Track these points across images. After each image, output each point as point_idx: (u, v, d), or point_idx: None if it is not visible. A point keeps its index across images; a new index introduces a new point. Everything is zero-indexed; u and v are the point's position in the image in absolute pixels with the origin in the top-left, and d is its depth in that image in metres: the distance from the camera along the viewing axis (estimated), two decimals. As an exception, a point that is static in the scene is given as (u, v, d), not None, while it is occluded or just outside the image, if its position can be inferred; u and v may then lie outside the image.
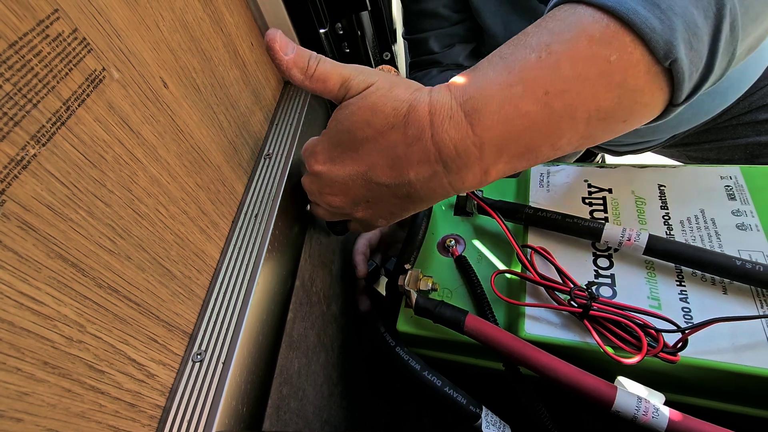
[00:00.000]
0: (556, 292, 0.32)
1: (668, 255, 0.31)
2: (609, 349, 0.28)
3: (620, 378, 0.29)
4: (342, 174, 0.31)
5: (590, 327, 0.29)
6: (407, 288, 0.34)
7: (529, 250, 0.34)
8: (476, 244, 0.40)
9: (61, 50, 0.20)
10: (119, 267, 0.22)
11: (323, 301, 0.42)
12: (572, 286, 0.30)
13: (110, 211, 0.22)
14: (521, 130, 0.26)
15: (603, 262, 0.33)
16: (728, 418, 0.30)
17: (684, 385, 0.30)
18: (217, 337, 0.28)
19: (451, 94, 0.27)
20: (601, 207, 0.36)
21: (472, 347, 0.35)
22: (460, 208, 0.43)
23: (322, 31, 0.44)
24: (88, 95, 0.22)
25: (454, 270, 0.39)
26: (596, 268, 0.33)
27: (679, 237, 0.33)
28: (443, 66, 0.62)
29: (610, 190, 0.37)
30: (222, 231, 0.33)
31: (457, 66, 0.63)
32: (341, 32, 0.50)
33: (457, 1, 0.58)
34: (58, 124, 0.20)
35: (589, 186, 0.38)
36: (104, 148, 0.22)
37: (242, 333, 0.28)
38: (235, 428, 0.26)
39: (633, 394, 0.27)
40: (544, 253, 0.33)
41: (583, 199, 0.37)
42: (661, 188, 0.36)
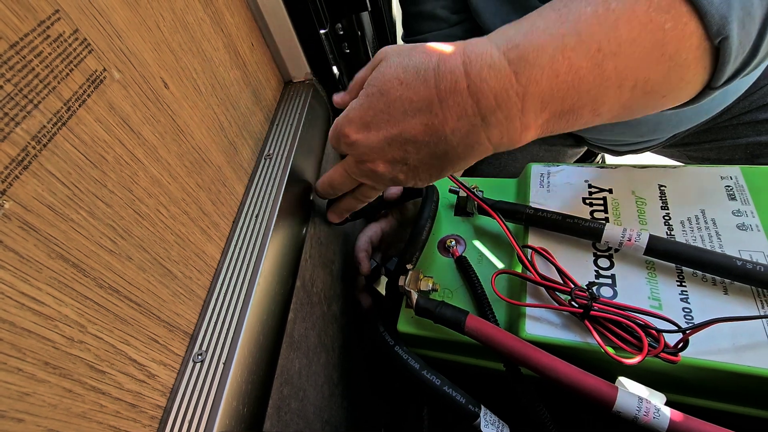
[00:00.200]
0: (557, 293, 0.32)
1: (669, 255, 0.31)
2: (610, 350, 0.28)
3: (621, 378, 0.29)
4: (378, 139, 0.30)
5: (591, 327, 0.29)
6: (408, 288, 0.34)
7: (529, 250, 0.34)
8: (477, 244, 0.40)
9: (61, 51, 0.20)
10: (120, 267, 0.23)
11: (324, 301, 0.42)
12: (573, 286, 0.30)
13: (111, 212, 0.22)
14: (569, 86, 0.25)
15: (603, 262, 0.33)
16: (729, 418, 0.30)
17: (685, 385, 0.30)
18: (217, 337, 0.28)
19: (491, 42, 0.26)
20: (602, 207, 0.36)
21: (473, 347, 0.35)
22: (460, 209, 0.43)
23: (322, 31, 0.44)
24: (88, 96, 0.22)
25: (454, 270, 0.39)
26: (597, 269, 0.33)
27: (680, 237, 0.33)
28: None
29: (610, 191, 0.37)
30: (222, 231, 0.33)
31: None
32: (341, 32, 0.50)
33: (455, 3, 0.57)
34: (59, 124, 0.20)
35: (590, 186, 0.38)
36: (105, 149, 0.22)
37: (243, 333, 0.28)
38: (235, 429, 0.26)
39: (634, 394, 0.27)
40: (544, 253, 0.33)
41: (584, 199, 0.37)
42: (662, 188, 0.36)
